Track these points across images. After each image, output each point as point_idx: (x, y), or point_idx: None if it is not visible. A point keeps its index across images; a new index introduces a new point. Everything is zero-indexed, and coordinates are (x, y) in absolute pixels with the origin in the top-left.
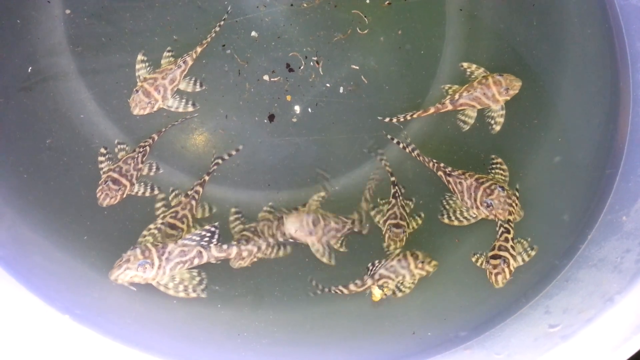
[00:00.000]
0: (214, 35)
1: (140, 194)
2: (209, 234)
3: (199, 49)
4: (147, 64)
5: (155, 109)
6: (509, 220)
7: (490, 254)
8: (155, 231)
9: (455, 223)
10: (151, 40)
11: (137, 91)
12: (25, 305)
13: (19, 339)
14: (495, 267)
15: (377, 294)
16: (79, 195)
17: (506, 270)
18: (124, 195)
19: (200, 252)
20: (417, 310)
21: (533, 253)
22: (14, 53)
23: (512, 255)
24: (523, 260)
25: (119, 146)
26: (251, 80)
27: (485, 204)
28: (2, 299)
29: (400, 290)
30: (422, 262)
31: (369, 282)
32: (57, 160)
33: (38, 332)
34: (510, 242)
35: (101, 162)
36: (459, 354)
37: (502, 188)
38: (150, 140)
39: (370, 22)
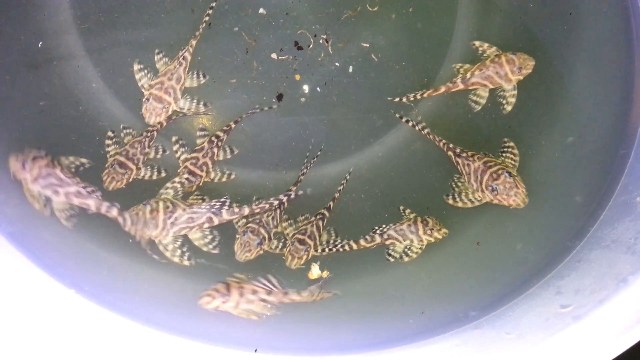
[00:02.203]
0: (204, 25)
1: (147, 177)
2: (219, 204)
3: (193, 42)
4: (145, 71)
5: (170, 112)
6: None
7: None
8: (178, 185)
9: (460, 205)
10: (160, 19)
11: (147, 100)
12: (34, 281)
13: (28, 314)
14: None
15: (314, 272)
16: (86, 173)
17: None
18: (130, 179)
19: (211, 218)
20: (426, 290)
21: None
22: (20, 31)
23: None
24: None
25: (124, 131)
26: (259, 59)
27: (490, 188)
28: (12, 275)
29: (407, 255)
30: (432, 229)
31: (378, 239)
32: (65, 139)
33: (47, 308)
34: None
35: (108, 145)
36: (469, 333)
37: (509, 173)
38: (158, 126)
39: None
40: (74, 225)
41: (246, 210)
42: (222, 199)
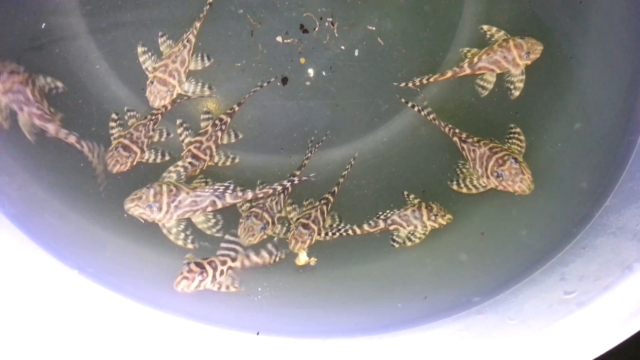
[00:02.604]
0: (208, 7)
1: (150, 160)
2: (222, 188)
3: (197, 24)
4: (149, 54)
5: (174, 95)
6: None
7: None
8: (181, 169)
9: (464, 190)
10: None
11: (151, 83)
12: (37, 262)
13: (31, 295)
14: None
15: (302, 258)
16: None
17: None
18: (134, 162)
19: (214, 201)
20: (429, 275)
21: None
22: (24, 12)
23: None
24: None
25: (128, 113)
26: (264, 42)
27: (495, 174)
28: (15, 257)
29: (410, 240)
30: (436, 215)
31: (382, 224)
32: (69, 121)
33: (50, 289)
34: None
35: (112, 127)
36: (471, 318)
37: (515, 159)
38: (163, 109)
39: None
40: (36, 140)
41: (249, 195)
42: (226, 183)
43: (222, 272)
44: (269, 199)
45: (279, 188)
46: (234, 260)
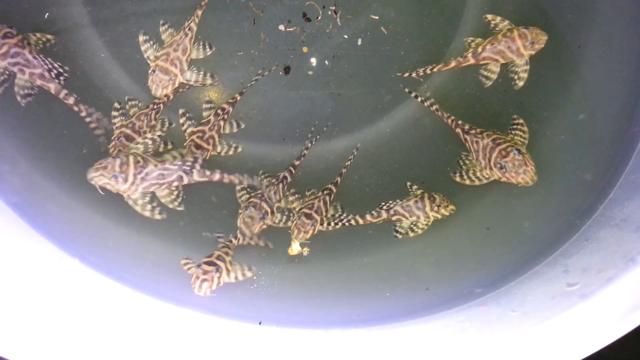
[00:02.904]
0: None
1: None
2: (190, 161)
3: (199, 12)
4: (151, 42)
5: (176, 84)
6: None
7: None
8: (149, 141)
9: (467, 182)
10: None
11: (153, 71)
12: (39, 251)
13: (33, 284)
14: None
15: (294, 248)
16: (93, 144)
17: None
18: None
19: (181, 176)
20: (432, 267)
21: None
22: (24, 1)
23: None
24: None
25: (130, 102)
26: (266, 30)
27: (498, 166)
28: (16, 245)
29: (413, 231)
30: (438, 206)
31: (384, 215)
32: (71, 109)
33: (52, 278)
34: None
35: (114, 117)
36: (474, 309)
37: (519, 151)
38: (165, 99)
39: None
40: (27, 103)
41: (217, 176)
42: (195, 156)
43: (230, 263)
44: (267, 189)
45: (245, 182)
46: (231, 248)
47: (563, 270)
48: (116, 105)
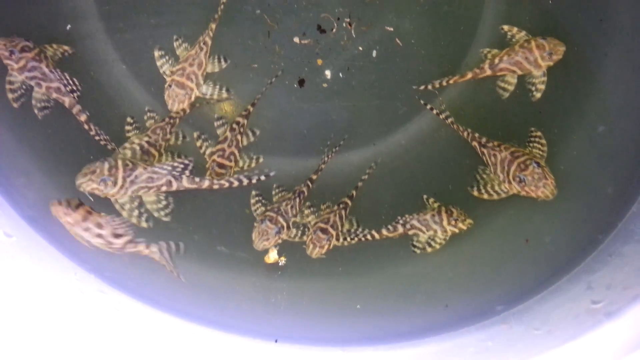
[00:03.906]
0: (222, 7)
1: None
2: (181, 166)
3: (213, 26)
4: (166, 57)
5: (193, 98)
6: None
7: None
8: (137, 147)
9: (485, 196)
10: None
11: (169, 86)
12: (54, 264)
13: (47, 297)
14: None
15: (271, 256)
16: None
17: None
18: None
19: (170, 181)
20: (450, 283)
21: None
22: (39, 12)
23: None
24: None
25: (148, 114)
26: (281, 42)
27: (517, 179)
28: (32, 259)
29: (431, 246)
30: (456, 220)
31: (400, 229)
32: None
33: (67, 291)
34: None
35: (128, 131)
36: (495, 327)
37: (538, 164)
38: (182, 113)
39: None
40: (43, 116)
41: (206, 183)
42: (185, 161)
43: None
44: (284, 203)
45: (235, 183)
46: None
47: (587, 287)
48: (129, 119)
